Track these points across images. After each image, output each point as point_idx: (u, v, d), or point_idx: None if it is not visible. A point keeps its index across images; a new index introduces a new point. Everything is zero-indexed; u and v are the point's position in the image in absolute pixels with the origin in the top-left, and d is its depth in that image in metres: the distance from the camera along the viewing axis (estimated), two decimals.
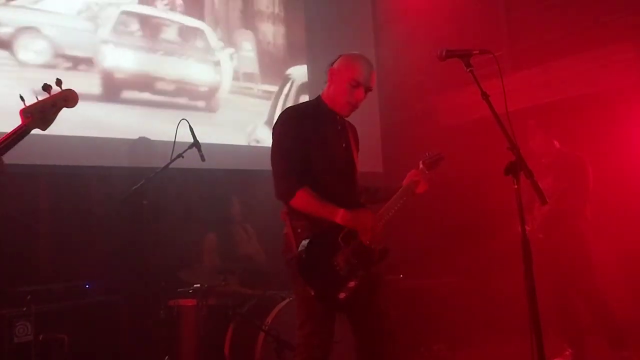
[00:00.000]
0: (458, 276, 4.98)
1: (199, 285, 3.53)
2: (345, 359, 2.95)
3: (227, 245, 4.17)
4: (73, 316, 3.27)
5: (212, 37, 5.02)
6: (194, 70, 4.86)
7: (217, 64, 5.01)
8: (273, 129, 2.50)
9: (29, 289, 3.16)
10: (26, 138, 1.97)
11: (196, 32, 4.93)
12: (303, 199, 2.34)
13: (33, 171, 3.85)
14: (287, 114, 2.51)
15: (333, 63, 2.55)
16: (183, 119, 3.47)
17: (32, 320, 3.03)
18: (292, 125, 2.44)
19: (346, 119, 2.62)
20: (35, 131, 1.97)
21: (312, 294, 2.27)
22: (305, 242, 2.30)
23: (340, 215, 2.33)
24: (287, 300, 3.45)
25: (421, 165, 2.58)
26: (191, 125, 3.49)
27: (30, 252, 3.81)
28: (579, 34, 4.92)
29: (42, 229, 3.92)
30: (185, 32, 4.86)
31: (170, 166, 3.48)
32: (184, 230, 4.20)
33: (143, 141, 4.24)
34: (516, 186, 1.95)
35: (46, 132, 2.00)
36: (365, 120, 2.81)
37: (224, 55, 5.07)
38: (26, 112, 1.95)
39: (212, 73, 4.99)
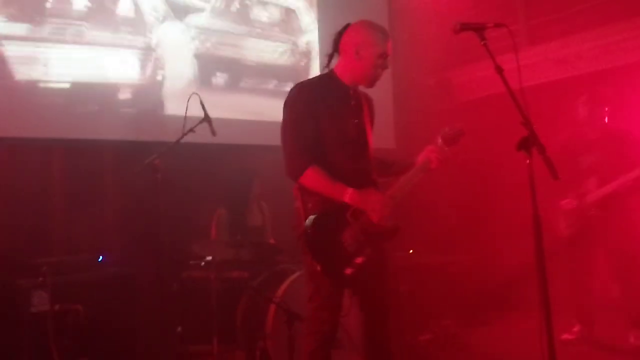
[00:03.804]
0: (469, 253, 4.98)
1: (211, 258, 3.57)
2: (354, 333, 2.99)
3: (238, 220, 4.19)
4: (88, 287, 3.31)
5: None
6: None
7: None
8: (284, 105, 2.47)
9: (45, 261, 3.21)
10: (38, 112, 1.98)
11: None
12: (312, 178, 2.33)
13: (46, 145, 3.88)
14: (297, 89, 2.47)
15: (342, 33, 2.50)
16: (194, 93, 3.46)
17: (48, 291, 3.09)
18: (302, 102, 2.41)
19: (361, 90, 2.58)
20: (49, 105, 1.98)
21: (319, 269, 2.29)
22: (312, 218, 2.30)
23: (348, 195, 2.31)
24: (297, 274, 3.48)
25: (440, 141, 2.52)
26: (202, 100, 3.48)
27: (44, 224, 3.87)
28: (597, 7, 4.79)
29: (56, 202, 3.97)
30: None
31: (184, 140, 3.49)
32: (197, 204, 4.23)
33: (154, 115, 4.25)
34: (528, 161, 1.94)
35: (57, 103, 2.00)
36: (378, 96, 2.76)
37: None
38: None
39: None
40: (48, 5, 3.86)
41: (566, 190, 3.79)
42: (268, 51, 4.94)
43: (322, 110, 2.40)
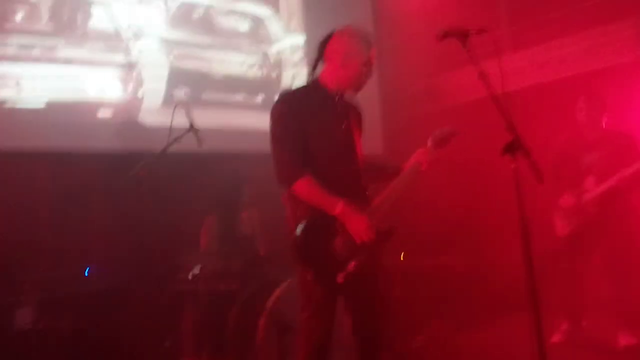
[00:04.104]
0: (460, 256, 4.98)
1: (200, 269, 3.53)
2: (348, 342, 2.97)
3: (228, 229, 4.16)
4: (74, 303, 3.29)
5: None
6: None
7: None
8: (270, 113, 2.46)
9: (29, 276, 3.17)
10: (21, 121, 1.95)
11: None
12: (305, 187, 2.32)
13: (31, 156, 3.85)
14: (283, 98, 2.47)
15: (327, 42, 2.51)
16: (178, 104, 3.44)
17: (33, 308, 3.05)
18: (289, 110, 2.40)
19: (348, 99, 2.58)
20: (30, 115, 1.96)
21: (310, 277, 2.27)
22: (301, 226, 2.28)
23: (337, 210, 2.30)
24: (288, 283, 3.45)
25: (430, 143, 2.54)
26: (189, 110, 3.46)
27: (30, 239, 3.82)
28: (580, 11, 4.84)
29: (41, 215, 3.93)
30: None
31: (170, 150, 3.46)
32: (185, 215, 4.19)
33: (138, 125, 4.23)
34: (514, 165, 1.94)
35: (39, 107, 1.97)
36: (365, 101, 2.76)
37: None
38: None
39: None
40: (16, 20, 3.80)
41: (567, 191, 3.82)
42: (236, 63, 4.85)
43: (309, 118, 2.40)
